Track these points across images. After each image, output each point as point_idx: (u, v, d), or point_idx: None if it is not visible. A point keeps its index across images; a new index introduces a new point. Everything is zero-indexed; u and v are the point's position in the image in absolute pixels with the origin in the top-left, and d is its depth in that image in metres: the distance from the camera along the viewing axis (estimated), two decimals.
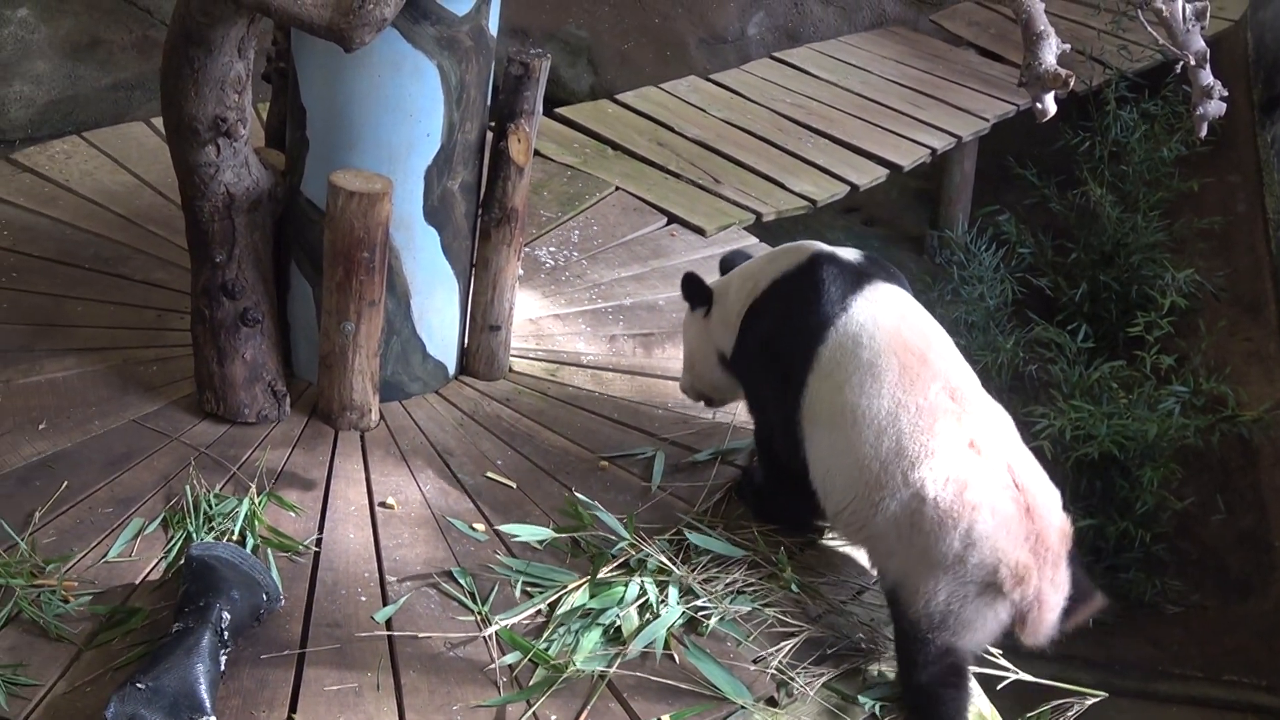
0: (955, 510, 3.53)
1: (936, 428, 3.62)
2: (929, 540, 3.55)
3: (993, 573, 3.50)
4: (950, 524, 3.52)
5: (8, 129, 7.57)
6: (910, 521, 3.59)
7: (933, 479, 3.56)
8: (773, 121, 7.23)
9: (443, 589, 3.80)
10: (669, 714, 3.51)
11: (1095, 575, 6.36)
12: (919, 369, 3.71)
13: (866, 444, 3.66)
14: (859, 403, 3.69)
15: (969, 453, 3.60)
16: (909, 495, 3.59)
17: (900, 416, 3.65)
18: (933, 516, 3.54)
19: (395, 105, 4.14)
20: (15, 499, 3.91)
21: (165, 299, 4.86)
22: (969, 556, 3.52)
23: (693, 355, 4.38)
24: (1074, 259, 7.71)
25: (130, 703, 3.16)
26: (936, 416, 3.64)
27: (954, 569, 3.53)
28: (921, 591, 3.57)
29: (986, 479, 3.57)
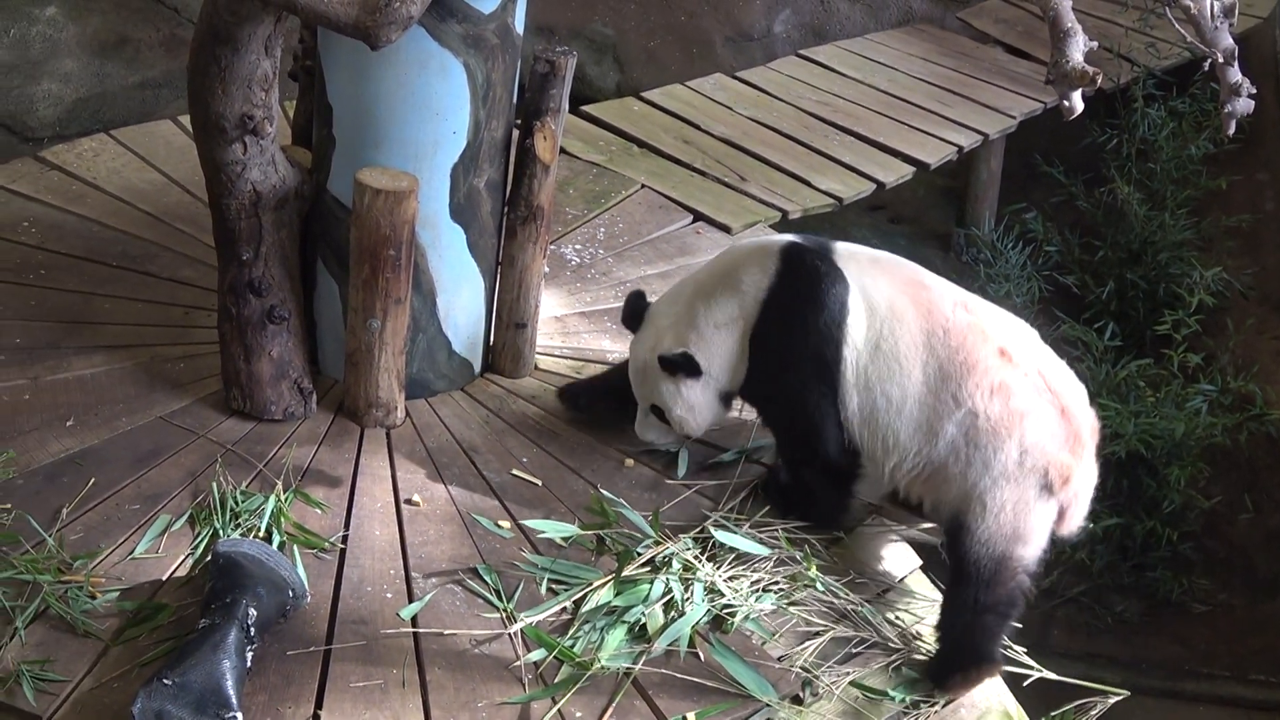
0: (1006, 420, 3.76)
1: (968, 344, 3.84)
2: (989, 453, 3.76)
3: (1044, 475, 3.75)
4: (1005, 433, 3.75)
5: (36, 127, 7.60)
6: (968, 439, 3.79)
7: (980, 393, 3.78)
8: (799, 119, 7.21)
9: (468, 586, 3.81)
10: (694, 712, 3.51)
11: (1122, 574, 6.38)
12: (928, 297, 3.94)
13: (916, 381, 3.85)
14: (896, 349, 3.87)
15: (1002, 362, 3.83)
16: (963, 414, 3.79)
17: (934, 344, 3.86)
18: (987, 429, 3.76)
19: (421, 103, 4.14)
20: (43, 495, 3.93)
21: (192, 296, 4.87)
22: (1026, 462, 3.75)
23: (689, 412, 4.17)
24: (1101, 257, 7.68)
25: (157, 698, 3.17)
26: (965, 334, 3.86)
27: (1014, 477, 3.75)
28: (990, 507, 3.77)
29: (1024, 385, 3.80)
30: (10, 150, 7.29)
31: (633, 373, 4.27)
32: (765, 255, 4.04)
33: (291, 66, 4.68)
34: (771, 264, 4.01)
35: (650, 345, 4.15)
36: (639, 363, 4.22)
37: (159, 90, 7.86)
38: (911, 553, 4.18)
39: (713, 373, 4.10)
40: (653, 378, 4.15)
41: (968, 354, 3.83)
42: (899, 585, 4.05)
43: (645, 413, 4.28)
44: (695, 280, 4.22)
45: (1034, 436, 3.76)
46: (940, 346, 3.85)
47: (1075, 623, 6.37)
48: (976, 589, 3.78)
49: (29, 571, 3.62)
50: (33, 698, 3.32)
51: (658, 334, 4.15)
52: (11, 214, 5.20)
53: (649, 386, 4.20)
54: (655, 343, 4.13)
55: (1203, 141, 7.66)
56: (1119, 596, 6.47)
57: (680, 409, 4.15)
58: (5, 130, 7.59)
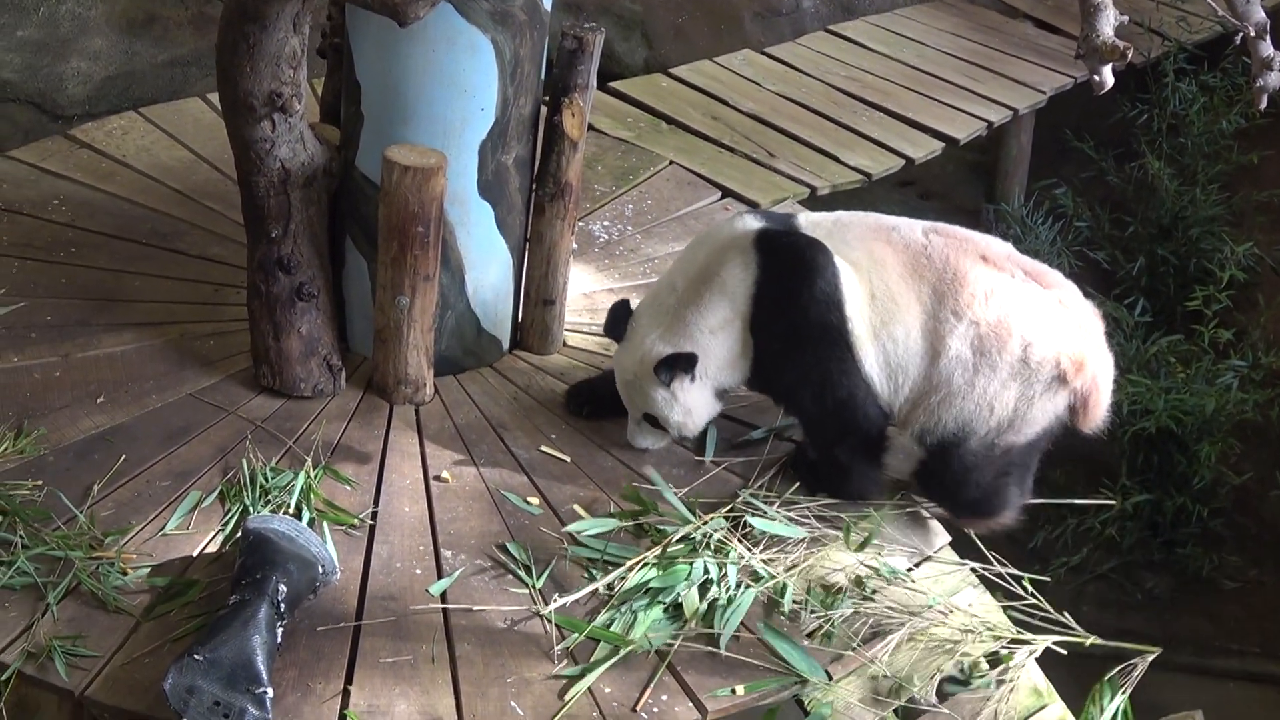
0: (1004, 321, 3.90)
1: (951, 261, 3.97)
2: (994, 357, 3.90)
3: (1055, 366, 3.90)
4: (1005, 334, 3.89)
5: (65, 105, 7.62)
6: (973, 349, 3.91)
7: (976, 302, 3.91)
8: (827, 95, 7.19)
9: (498, 562, 3.82)
10: (742, 686, 3.52)
11: (1152, 550, 6.36)
12: (899, 235, 4.05)
13: (915, 313, 3.94)
14: (890, 290, 3.95)
15: (988, 268, 3.97)
16: (965, 326, 3.91)
17: (921, 272, 3.97)
18: (989, 334, 3.89)
19: (450, 80, 4.14)
20: (74, 472, 3.95)
21: (222, 274, 4.89)
22: (1030, 357, 3.90)
23: (687, 415, 4.15)
24: (1131, 232, 7.65)
25: (188, 674, 3.18)
26: (946, 253, 3.98)
27: (1021, 374, 3.91)
28: (997, 408, 3.95)
29: (1015, 285, 3.95)
30: (40, 128, 7.32)
31: (621, 385, 4.23)
32: (741, 249, 4.03)
33: (320, 44, 4.68)
34: (750, 256, 4.01)
35: (639, 356, 4.11)
36: (628, 374, 4.17)
37: (188, 68, 7.87)
38: (941, 529, 4.17)
39: (709, 372, 4.09)
40: (645, 387, 4.12)
41: (954, 269, 3.95)
42: (936, 555, 4.04)
43: (638, 422, 4.25)
44: (672, 285, 4.14)
45: (1035, 330, 3.91)
46: (927, 271, 3.96)
47: (1105, 599, 6.35)
48: (976, 465, 4.04)
49: (61, 548, 3.64)
50: (65, 673, 3.34)
51: (645, 344, 4.10)
52: (42, 192, 5.22)
53: (641, 396, 4.16)
54: (644, 353, 4.09)
55: (1234, 116, 7.60)
56: (1149, 573, 6.45)
57: (678, 414, 4.13)
58: (35, 108, 7.61)
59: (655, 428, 4.22)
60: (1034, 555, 6.12)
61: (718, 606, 3.68)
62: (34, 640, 3.41)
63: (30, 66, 7.56)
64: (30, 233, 4.98)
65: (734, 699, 3.50)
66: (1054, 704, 3.79)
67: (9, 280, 4.71)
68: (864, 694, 3.67)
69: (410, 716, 3.34)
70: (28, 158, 5.45)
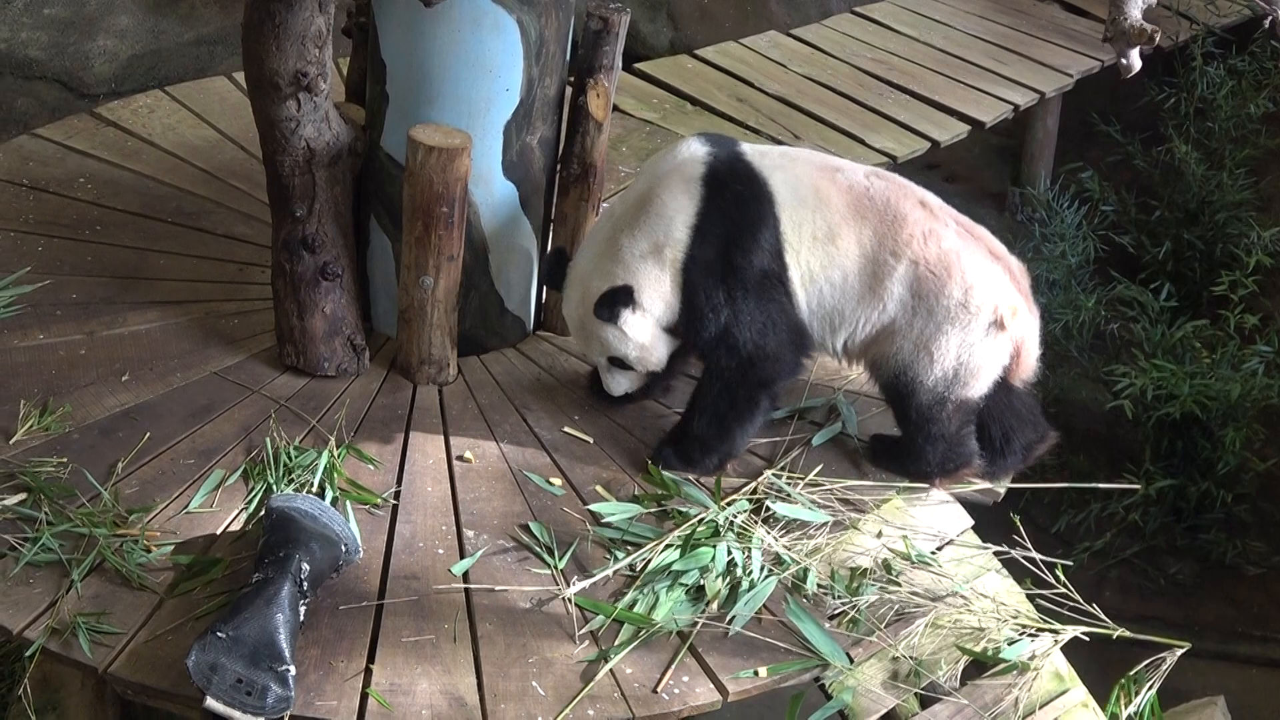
0: (944, 261, 3.94)
1: (892, 202, 3.98)
2: (934, 299, 3.94)
3: (994, 311, 3.95)
4: (945, 274, 3.93)
5: (92, 83, 7.64)
6: (913, 290, 3.95)
7: (915, 242, 3.94)
8: (853, 77, 7.18)
9: (520, 542, 3.82)
10: (764, 668, 3.52)
11: (1176, 536, 6.35)
12: (843, 177, 4.04)
13: (853, 256, 3.95)
14: (831, 230, 3.94)
15: (926, 213, 4.01)
16: (904, 267, 3.93)
17: (863, 212, 3.97)
18: (928, 275, 3.92)
19: (475, 60, 4.14)
20: (99, 450, 3.96)
21: (246, 253, 4.90)
22: (970, 301, 3.94)
23: (643, 350, 4.08)
24: (1158, 217, 7.62)
25: (211, 651, 3.19)
26: (886, 195, 4.00)
27: (959, 318, 3.94)
28: (936, 354, 3.97)
29: (951, 231, 4.00)
30: (66, 106, 7.34)
31: (574, 333, 4.22)
32: (687, 179, 3.97)
33: (345, 23, 4.68)
34: (696, 187, 3.95)
35: (579, 298, 4.08)
36: (575, 321, 4.15)
37: (214, 47, 7.89)
38: (964, 513, 4.17)
39: (646, 304, 4.00)
40: (595, 329, 4.06)
41: (895, 210, 3.97)
42: (959, 538, 4.04)
43: (606, 368, 4.20)
44: (612, 214, 4.10)
45: (974, 274, 3.95)
46: (869, 212, 3.96)
47: (1128, 584, 6.34)
48: (934, 419, 4.06)
49: (85, 525, 3.65)
50: (89, 649, 3.35)
51: (584, 284, 4.06)
52: (68, 170, 5.23)
53: (596, 340, 4.10)
54: (584, 292, 4.05)
55: (1262, 100, 7.57)
56: (1172, 558, 6.44)
57: (633, 349, 4.06)
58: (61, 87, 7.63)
59: (624, 368, 4.17)
60: (1057, 539, 6.12)
61: (740, 590, 3.68)
62: (58, 617, 3.42)
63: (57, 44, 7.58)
64: (56, 210, 5.00)
65: (756, 681, 3.50)
66: (1076, 689, 3.79)
67: (35, 258, 4.72)
68: (885, 678, 3.67)
69: (432, 695, 3.35)
70: (54, 136, 5.47)
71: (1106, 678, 3.87)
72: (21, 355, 4.29)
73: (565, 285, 4.15)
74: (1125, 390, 6.17)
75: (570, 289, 4.13)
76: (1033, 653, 3.74)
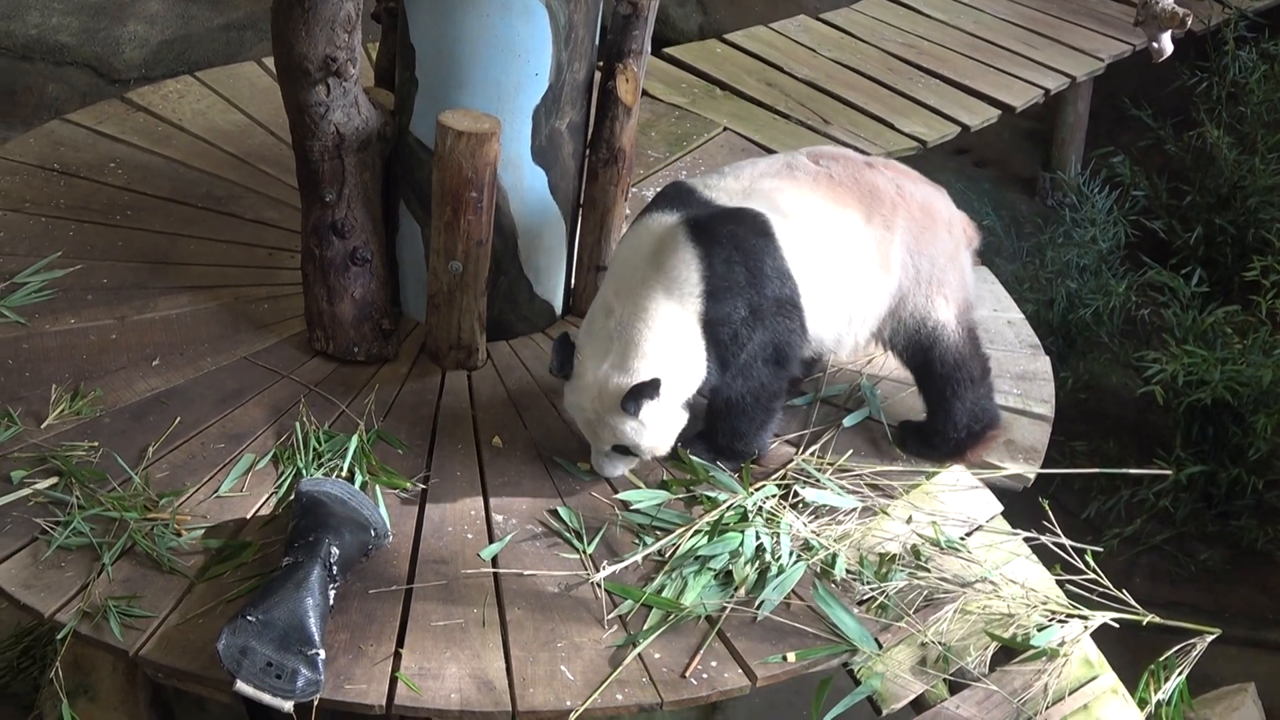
0: (924, 209, 4.03)
1: (854, 176, 4.02)
2: (930, 246, 4.02)
3: (964, 230, 4.18)
4: (929, 220, 4.04)
5: (122, 69, 7.67)
6: (911, 249, 4.01)
7: (896, 205, 3.99)
8: (883, 61, 7.15)
9: (549, 527, 3.83)
10: (792, 653, 3.52)
11: (1206, 522, 6.32)
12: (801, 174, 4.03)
13: (854, 243, 3.97)
14: (828, 233, 3.95)
15: (878, 171, 4.06)
16: (899, 234, 3.99)
17: (841, 197, 3.97)
18: (918, 230, 4.02)
19: (504, 45, 4.13)
20: (129, 434, 3.98)
21: (276, 237, 4.91)
22: (953, 233, 4.10)
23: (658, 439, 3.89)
24: (1189, 202, 7.58)
25: (241, 635, 3.21)
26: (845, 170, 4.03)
27: (953, 255, 4.10)
28: (948, 292, 4.07)
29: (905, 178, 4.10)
30: (97, 92, 7.38)
31: (583, 425, 3.94)
32: (674, 244, 3.82)
33: (374, 8, 4.68)
34: (688, 250, 3.80)
35: (595, 393, 3.82)
36: (588, 413, 3.87)
37: (243, 32, 7.91)
38: (993, 498, 4.16)
39: (672, 388, 3.82)
40: (611, 421, 3.83)
41: (863, 183, 4.00)
42: (987, 524, 4.03)
43: (606, 453, 3.96)
44: (607, 308, 3.88)
45: (946, 211, 4.12)
46: (845, 194, 3.98)
47: (1158, 571, 6.32)
48: (968, 372, 4.16)
49: (116, 509, 3.67)
50: (120, 633, 3.37)
51: (600, 378, 3.81)
52: (99, 155, 5.25)
53: (608, 431, 3.86)
54: (600, 388, 3.81)
55: None
56: (1202, 544, 6.41)
57: (649, 439, 3.86)
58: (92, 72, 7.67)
59: (626, 454, 3.95)
60: (1087, 525, 6.10)
61: (769, 575, 3.68)
62: (90, 600, 3.44)
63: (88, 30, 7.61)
64: (87, 195, 5.01)
65: (784, 666, 3.50)
66: (1105, 675, 3.78)
67: (66, 242, 4.74)
68: (914, 664, 3.66)
69: (461, 679, 3.36)
70: (85, 121, 5.49)
71: (1136, 664, 3.86)
72: (53, 340, 4.31)
73: (574, 376, 3.89)
74: (1156, 376, 6.14)
75: (581, 381, 3.86)
76: (1062, 639, 3.73)
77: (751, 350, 3.88)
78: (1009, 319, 5.00)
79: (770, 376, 3.96)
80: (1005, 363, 4.73)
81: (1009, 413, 4.47)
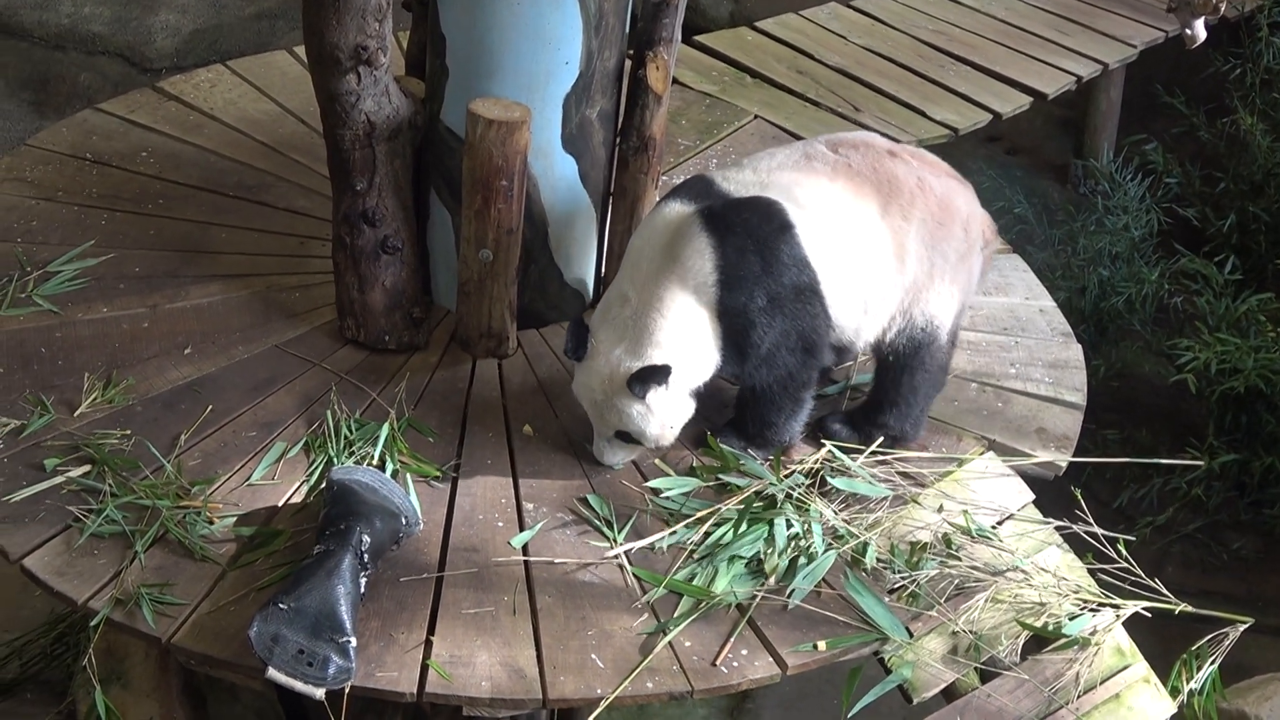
0: (942, 204, 3.97)
1: (875, 170, 3.97)
2: (945, 244, 3.97)
3: (981, 231, 4.10)
4: (947, 216, 3.97)
5: (154, 58, 7.69)
6: (927, 244, 3.96)
7: (916, 198, 3.94)
8: (914, 48, 7.13)
9: (579, 515, 3.83)
10: (823, 642, 3.52)
11: (1239, 511, 6.30)
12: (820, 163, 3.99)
13: (870, 235, 3.93)
14: (846, 222, 3.92)
15: (900, 162, 4.01)
16: (915, 227, 3.94)
17: (861, 187, 3.94)
18: (936, 225, 3.96)
19: (534, 33, 4.13)
20: (161, 422, 3.99)
21: (307, 226, 4.92)
22: (970, 232, 4.03)
23: (664, 429, 3.91)
24: (1222, 189, 7.54)
25: (273, 622, 3.22)
26: (864, 160, 3.99)
27: (967, 252, 4.03)
28: (957, 291, 4.05)
29: (928, 171, 4.03)
30: (129, 81, 7.40)
31: (589, 406, 3.95)
32: (688, 234, 3.83)
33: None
34: (703, 240, 3.81)
35: (605, 375, 3.84)
36: (596, 394, 3.88)
37: (275, 21, 7.93)
38: (1024, 487, 4.14)
39: (682, 376, 3.85)
40: (618, 404, 3.85)
41: (884, 174, 3.96)
42: (1019, 513, 4.02)
43: (608, 440, 3.98)
44: (623, 296, 3.89)
45: (964, 205, 4.04)
46: (864, 185, 3.94)
47: (1190, 559, 6.30)
48: (941, 377, 4.20)
49: (148, 497, 3.68)
50: (152, 620, 3.39)
51: (611, 361, 3.83)
52: (130, 144, 5.27)
53: (614, 414, 3.88)
54: (611, 370, 3.83)
55: None
56: (1235, 533, 6.39)
57: (655, 426, 3.88)
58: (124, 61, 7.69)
59: (628, 442, 3.97)
60: (1119, 514, 6.09)
61: (799, 564, 3.67)
62: (122, 588, 3.46)
63: (120, 20, 7.64)
64: (119, 184, 5.03)
65: (814, 654, 3.50)
66: (1137, 664, 3.77)
67: (98, 231, 4.76)
68: (945, 653, 3.66)
69: (491, 667, 3.37)
70: (117, 110, 5.50)
71: (1168, 653, 3.85)
72: (85, 329, 4.33)
73: (586, 358, 3.91)
74: (1189, 364, 6.12)
75: (592, 363, 3.88)
76: (1094, 628, 3.72)
77: (775, 339, 3.88)
78: (1041, 307, 4.98)
79: (798, 365, 3.95)
80: (1037, 351, 4.72)
81: (1041, 401, 4.47)
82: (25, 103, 7.56)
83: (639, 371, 3.76)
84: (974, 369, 4.56)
